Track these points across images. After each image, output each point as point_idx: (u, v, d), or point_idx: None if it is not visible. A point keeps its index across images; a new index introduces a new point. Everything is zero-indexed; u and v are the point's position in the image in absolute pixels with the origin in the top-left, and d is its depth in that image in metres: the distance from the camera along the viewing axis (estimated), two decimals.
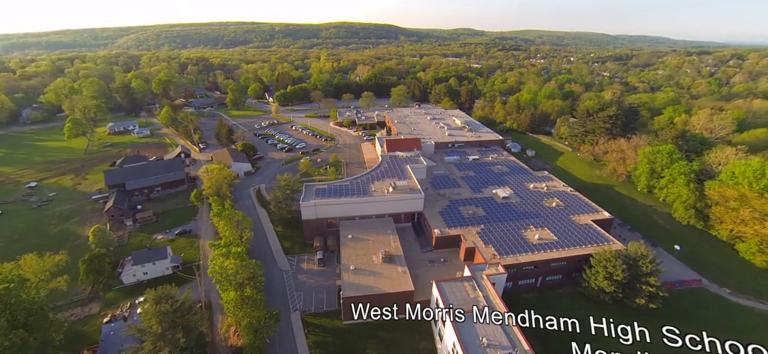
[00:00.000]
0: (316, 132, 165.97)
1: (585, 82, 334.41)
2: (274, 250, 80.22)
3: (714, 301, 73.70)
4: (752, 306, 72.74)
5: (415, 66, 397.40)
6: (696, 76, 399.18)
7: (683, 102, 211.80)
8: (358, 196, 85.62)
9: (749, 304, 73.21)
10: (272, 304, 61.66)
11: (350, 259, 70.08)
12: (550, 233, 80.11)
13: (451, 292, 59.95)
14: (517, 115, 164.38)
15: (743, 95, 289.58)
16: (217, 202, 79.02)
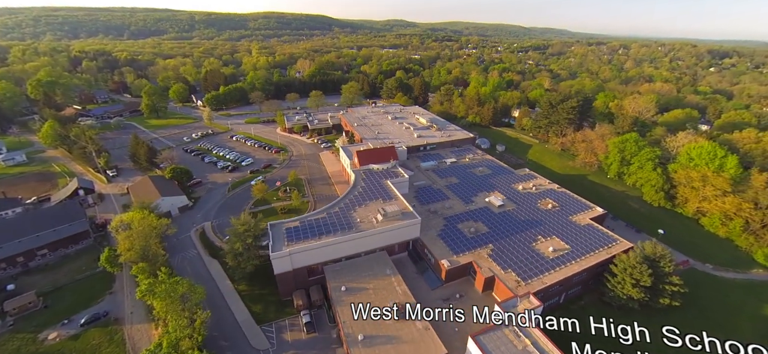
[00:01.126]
0: (263, 142, 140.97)
1: (517, 70, 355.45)
2: (242, 322, 59.73)
3: (705, 280, 75.96)
4: (733, 277, 76.35)
5: (356, 59, 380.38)
6: (599, 63, 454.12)
7: (606, 88, 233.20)
8: (341, 231, 68.81)
9: (730, 275, 76.74)
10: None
11: (352, 323, 53.91)
12: (561, 242, 73.76)
13: (493, 346, 48.36)
14: (478, 109, 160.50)
15: (636, 79, 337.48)
16: (146, 273, 55.17)
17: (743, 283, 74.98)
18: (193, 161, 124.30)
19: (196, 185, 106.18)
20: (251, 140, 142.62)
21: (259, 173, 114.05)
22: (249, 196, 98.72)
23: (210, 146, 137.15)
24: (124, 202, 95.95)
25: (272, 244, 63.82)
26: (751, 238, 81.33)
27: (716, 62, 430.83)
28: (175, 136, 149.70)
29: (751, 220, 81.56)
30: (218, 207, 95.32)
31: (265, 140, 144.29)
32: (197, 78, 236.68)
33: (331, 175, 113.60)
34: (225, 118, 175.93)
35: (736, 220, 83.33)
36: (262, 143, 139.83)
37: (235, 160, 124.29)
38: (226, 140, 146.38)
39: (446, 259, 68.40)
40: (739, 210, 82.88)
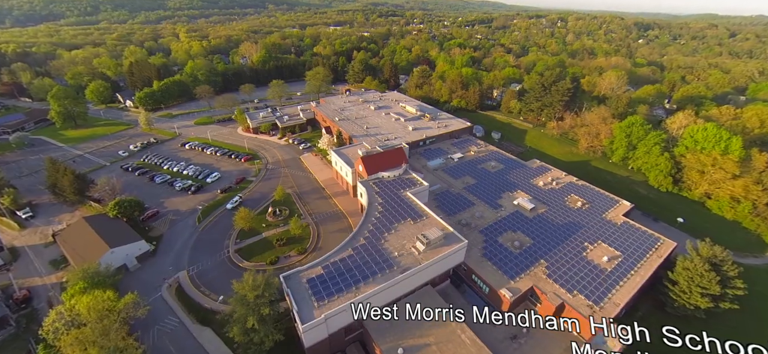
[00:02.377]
0: (226, 149, 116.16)
1: (471, 45, 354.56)
2: None
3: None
4: (751, 263, 77.26)
5: (303, 39, 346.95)
6: (544, 37, 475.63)
7: (567, 64, 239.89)
8: (381, 273, 54.52)
9: (748, 262, 77.55)
10: None
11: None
12: (610, 248, 67.84)
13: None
14: (463, 93, 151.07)
15: (580, 52, 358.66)
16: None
17: (759, 267, 76.22)
18: (139, 183, 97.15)
19: (151, 218, 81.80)
20: (211, 147, 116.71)
21: (232, 192, 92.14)
22: (228, 226, 78.18)
23: (158, 160, 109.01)
24: (51, 257, 69.38)
25: (298, 309, 47.54)
26: (758, 220, 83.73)
27: (643, 34, 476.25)
28: (107, 151, 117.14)
29: (758, 203, 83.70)
30: (191, 246, 73.66)
31: (229, 146, 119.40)
32: (119, 72, 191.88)
33: (324, 184, 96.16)
34: (168, 121, 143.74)
35: (745, 203, 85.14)
36: (226, 150, 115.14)
37: (197, 176, 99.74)
38: (178, 150, 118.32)
39: (505, 287, 58.23)
40: (748, 193, 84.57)
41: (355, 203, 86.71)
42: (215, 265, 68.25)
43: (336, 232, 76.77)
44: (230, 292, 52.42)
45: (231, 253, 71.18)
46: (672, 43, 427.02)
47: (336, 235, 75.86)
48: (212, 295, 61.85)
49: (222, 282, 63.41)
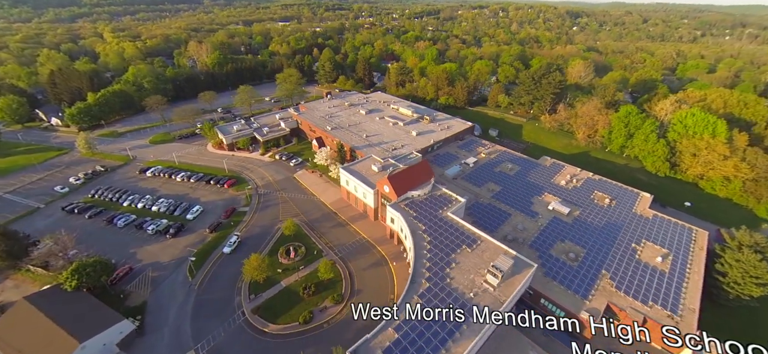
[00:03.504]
0: (200, 172, 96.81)
1: (427, 38, 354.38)
2: None
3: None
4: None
5: (253, 37, 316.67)
6: (492, 27, 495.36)
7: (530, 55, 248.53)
8: (465, 323, 45.85)
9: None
10: None
11: None
12: (656, 246, 66.87)
13: None
14: (449, 89, 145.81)
15: (527, 41, 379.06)
16: None
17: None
18: (94, 229, 75.63)
19: (124, 279, 63.11)
20: (180, 173, 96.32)
21: (225, 230, 75.68)
22: (232, 276, 63.16)
23: (114, 195, 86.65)
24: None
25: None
26: (746, 195, 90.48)
27: (576, 22, 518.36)
28: (38, 188, 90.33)
29: (747, 180, 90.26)
30: (190, 313, 57.58)
31: (204, 169, 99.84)
32: (34, 82, 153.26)
33: (334, 208, 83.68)
34: (114, 142, 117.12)
35: (735, 182, 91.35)
36: (201, 175, 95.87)
37: (172, 211, 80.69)
38: (137, 179, 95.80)
39: (584, 309, 53.20)
40: (738, 171, 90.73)
41: (379, 228, 76.25)
42: (232, 337, 53.64)
43: (370, 269, 65.93)
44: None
45: (247, 314, 56.85)
46: (601, 30, 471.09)
47: (371, 272, 65.13)
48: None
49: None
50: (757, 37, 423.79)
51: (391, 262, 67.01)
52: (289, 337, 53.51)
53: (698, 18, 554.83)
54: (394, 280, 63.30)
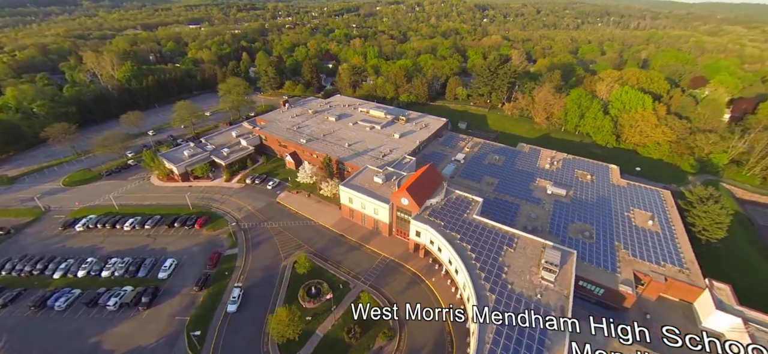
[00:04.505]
0: (154, 214, 77.92)
1: (353, 35, 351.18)
2: None
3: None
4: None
5: (161, 43, 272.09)
6: (414, 21, 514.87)
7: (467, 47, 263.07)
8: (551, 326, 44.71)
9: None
10: None
11: None
12: (641, 211, 75.53)
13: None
14: (408, 86, 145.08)
15: (449, 34, 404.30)
16: None
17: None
18: (16, 321, 54.74)
19: None
20: (128, 219, 76.14)
21: (218, 282, 62.05)
22: (252, 341, 51.97)
23: (33, 267, 64.05)
24: None
25: None
26: (673, 155, 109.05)
27: (485, 15, 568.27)
28: None
29: (671, 142, 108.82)
30: None
31: (159, 210, 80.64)
32: None
33: (339, 230, 75.36)
34: (6, 190, 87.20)
35: (664, 145, 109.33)
36: (157, 217, 77.25)
37: (135, 273, 63.07)
38: (62, 236, 72.58)
39: (621, 283, 56.83)
40: (666, 136, 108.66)
41: (397, 243, 71.13)
42: None
43: (407, 291, 60.74)
44: None
45: None
46: (506, 21, 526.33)
47: (411, 294, 60.11)
48: None
49: None
50: (619, 23, 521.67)
51: (427, 279, 62.83)
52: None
53: (575, 8, 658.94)
54: (438, 297, 59.44)
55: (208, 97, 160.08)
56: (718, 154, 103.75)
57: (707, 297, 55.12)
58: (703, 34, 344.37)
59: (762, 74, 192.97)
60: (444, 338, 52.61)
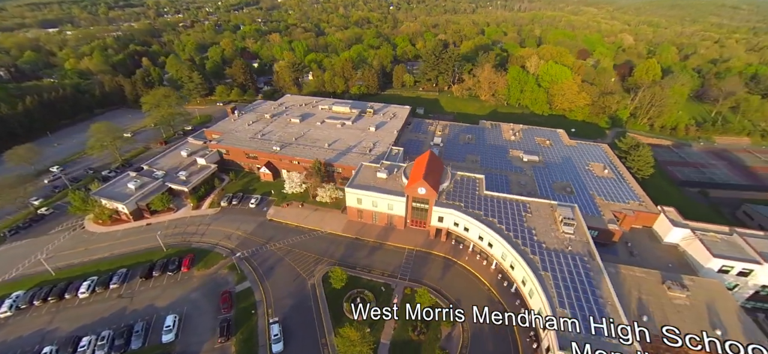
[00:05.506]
0: (117, 268, 62.15)
1: (264, 30, 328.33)
2: None
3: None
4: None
5: (10, 52, 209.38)
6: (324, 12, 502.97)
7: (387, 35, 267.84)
8: (593, 273, 51.60)
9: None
10: None
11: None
12: (595, 163, 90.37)
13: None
14: (358, 77, 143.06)
15: (362, 23, 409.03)
16: None
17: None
18: None
19: None
20: (80, 283, 59.05)
21: (245, 325, 53.65)
22: None
23: None
24: None
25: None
26: (592, 115, 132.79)
27: (390, 2, 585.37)
28: None
29: (588, 105, 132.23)
30: None
31: (120, 261, 64.31)
32: None
33: (352, 234, 71.67)
34: None
35: (585, 108, 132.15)
36: (123, 271, 61.82)
37: (126, 344, 50.04)
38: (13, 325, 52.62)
39: (609, 223, 68.12)
40: (584, 101, 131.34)
41: (415, 233, 71.53)
42: None
43: (445, 277, 61.92)
44: None
45: None
46: (410, 7, 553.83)
47: (449, 279, 61.46)
48: None
49: None
50: (505, 6, 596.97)
51: (459, 259, 65.09)
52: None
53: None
54: (476, 274, 62.25)
55: (118, 115, 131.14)
56: (621, 111, 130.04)
57: (663, 219, 70.00)
58: (569, 14, 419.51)
59: (618, 44, 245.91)
60: (496, 305, 55.97)
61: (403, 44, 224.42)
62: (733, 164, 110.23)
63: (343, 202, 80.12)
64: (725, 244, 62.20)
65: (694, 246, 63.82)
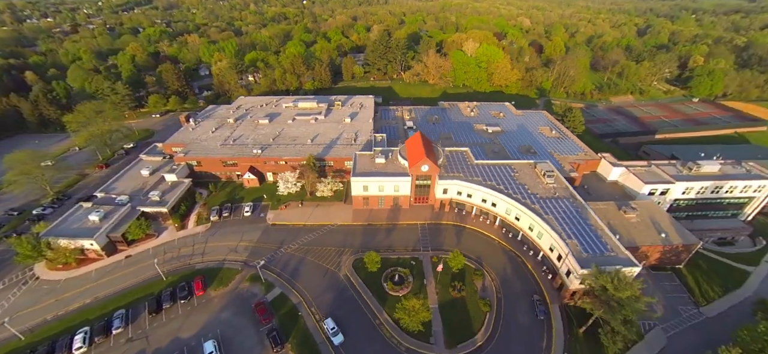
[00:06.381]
0: (113, 309, 53.65)
1: (169, 32, 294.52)
2: None
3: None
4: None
5: None
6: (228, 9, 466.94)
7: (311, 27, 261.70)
8: (580, 212, 63.51)
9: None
10: None
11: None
12: (544, 127, 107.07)
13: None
14: (311, 73, 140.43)
15: (279, 19, 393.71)
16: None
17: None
18: None
19: None
20: (72, 337, 49.47)
21: (291, 328, 52.32)
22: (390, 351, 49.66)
23: None
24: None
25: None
26: (523, 88, 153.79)
27: None
28: None
29: (519, 80, 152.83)
30: None
31: (109, 304, 55.10)
32: None
33: (363, 221, 73.25)
34: None
35: (517, 82, 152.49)
36: (120, 312, 53.58)
37: None
38: None
39: (571, 172, 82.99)
40: (516, 77, 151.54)
41: (420, 209, 76.73)
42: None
43: (461, 241, 68.50)
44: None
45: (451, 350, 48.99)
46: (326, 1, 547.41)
47: (466, 241, 68.31)
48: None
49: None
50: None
51: (466, 224, 72.36)
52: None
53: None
54: (485, 233, 70.33)
55: (19, 142, 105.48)
56: (545, 82, 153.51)
57: (604, 163, 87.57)
58: (473, 1, 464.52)
59: (519, 27, 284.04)
60: (509, 254, 64.99)
61: (337, 37, 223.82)
62: (628, 117, 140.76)
63: (343, 193, 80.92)
64: (649, 174, 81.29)
65: (630, 179, 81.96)
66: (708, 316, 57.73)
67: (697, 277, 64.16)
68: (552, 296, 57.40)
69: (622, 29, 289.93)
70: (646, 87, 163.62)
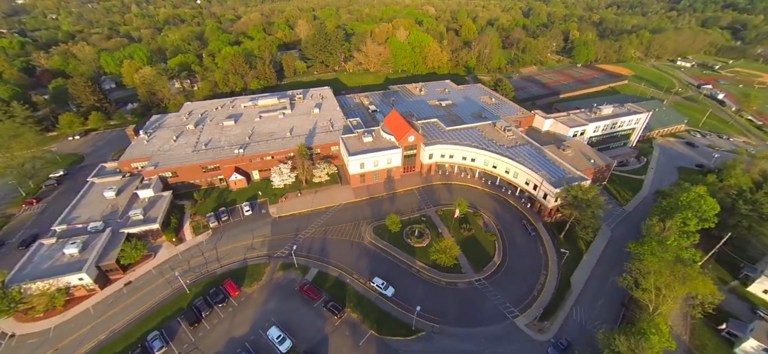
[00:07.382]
0: (144, 333, 49.51)
1: (30, 43, 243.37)
2: None
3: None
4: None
5: None
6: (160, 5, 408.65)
7: None
8: (538, 157, 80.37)
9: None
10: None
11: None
12: (484, 96, 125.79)
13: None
14: (254, 72, 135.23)
15: (173, 21, 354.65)
16: None
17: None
18: None
19: None
20: None
21: (347, 297, 56.09)
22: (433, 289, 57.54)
23: None
24: None
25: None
26: (453, 68, 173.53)
27: None
28: None
29: (449, 62, 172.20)
30: None
31: (137, 331, 50.21)
32: None
33: (366, 196, 78.55)
34: None
35: (447, 63, 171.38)
36: (152, 335, 49.70)
37: None
38: None
39: (517, 128, 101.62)
40: (445, 57, 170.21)
41: (411, 176, 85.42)
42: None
43: (454, 195, 79.48)
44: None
45: (483, 281, 59.30)
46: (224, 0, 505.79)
47: (460, 192, 79.56)
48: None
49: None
50: None
51: (453, 180, 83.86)
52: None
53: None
54: (469, 184, 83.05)
55: None
56: (470, 61, 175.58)
57: (538, 118, 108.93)
58: None
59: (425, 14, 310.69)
60: (493, 197, 78.89)
61: (259, 35, 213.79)
62: (537, 84, 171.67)
63: (337, 177, 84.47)
64: (570, 121, 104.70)
65: (558, 127, 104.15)
66: (628, 211, 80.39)
67: (616, 188, 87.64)
68: (535, 218, 72.81)
69: (511, 12, 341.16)
70: (544, 58, 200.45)
